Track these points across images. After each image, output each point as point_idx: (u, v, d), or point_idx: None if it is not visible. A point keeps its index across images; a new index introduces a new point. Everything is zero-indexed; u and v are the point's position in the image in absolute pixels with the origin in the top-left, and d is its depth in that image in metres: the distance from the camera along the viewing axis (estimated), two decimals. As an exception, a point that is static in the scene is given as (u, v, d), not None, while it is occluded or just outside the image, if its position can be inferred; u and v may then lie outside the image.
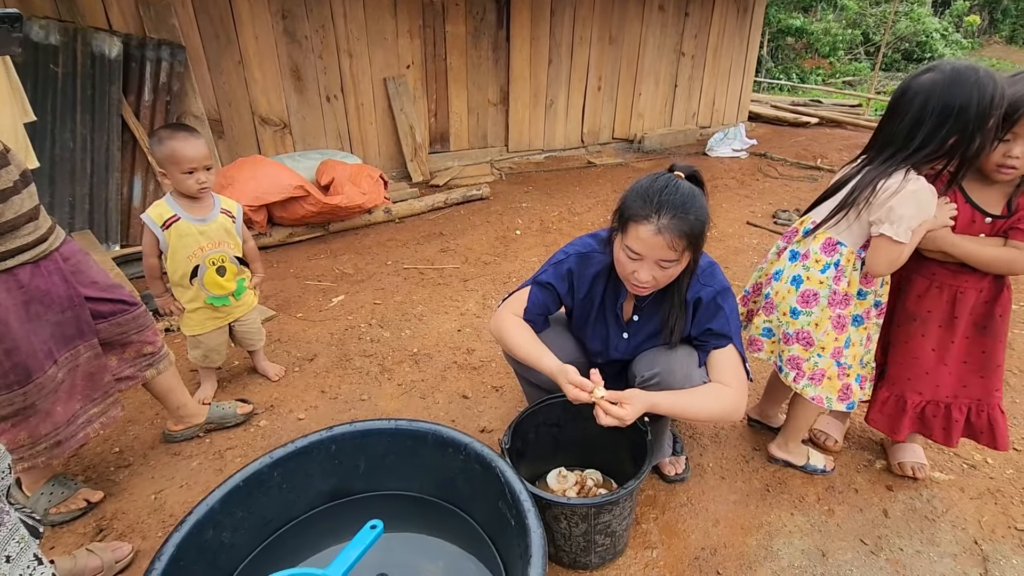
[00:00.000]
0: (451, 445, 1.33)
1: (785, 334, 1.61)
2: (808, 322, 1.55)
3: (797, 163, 5.66)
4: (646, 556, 1.51)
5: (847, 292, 1.51)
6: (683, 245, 1.25)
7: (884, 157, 1.40)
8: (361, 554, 1.15)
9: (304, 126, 4.41)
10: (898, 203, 1.33)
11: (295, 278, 3.18)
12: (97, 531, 1.58)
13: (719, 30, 6.50)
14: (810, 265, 1.53)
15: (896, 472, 1.77)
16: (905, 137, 1.35)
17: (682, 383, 1.42)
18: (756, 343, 1.72)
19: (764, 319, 1.68)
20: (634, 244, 1.28)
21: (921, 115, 1.31)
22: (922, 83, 1.32)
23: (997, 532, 1.59)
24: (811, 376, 1.59)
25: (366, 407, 2.11)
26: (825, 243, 1.51)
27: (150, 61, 3.31)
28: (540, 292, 1.53)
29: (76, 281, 1.47)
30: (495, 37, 5.06)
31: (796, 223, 1.64)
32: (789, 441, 1.79)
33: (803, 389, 1.60)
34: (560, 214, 4.27)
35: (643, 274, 1.30)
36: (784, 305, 1.59)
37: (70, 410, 1.49)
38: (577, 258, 1.52)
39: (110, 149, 3.20)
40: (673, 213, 1.23)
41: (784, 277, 1.59)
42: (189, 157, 1.75)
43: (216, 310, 2.01)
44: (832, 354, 1.56)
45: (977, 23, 15.27)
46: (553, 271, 1.53)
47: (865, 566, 1.48)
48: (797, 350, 1.59)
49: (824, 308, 1.53)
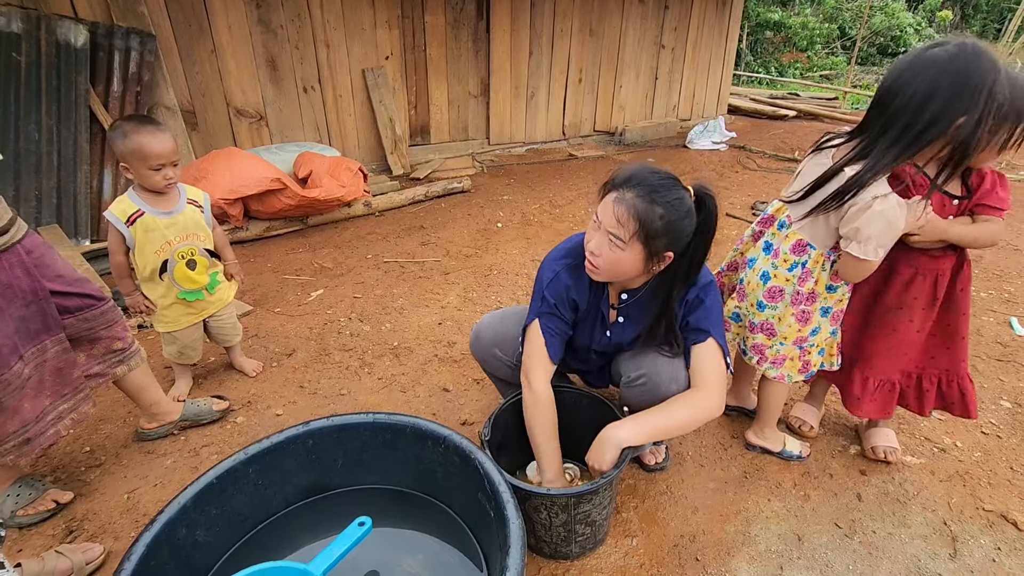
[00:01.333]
0: (430, 438, 1.33)
1: (751, 323, 1.66)
2: (772, 315, 1.60)
3: (775, 155, 5.72)
4: (626, 544, 1.52)
5: (813, 290, 1.53)
6: (633, 228, 1.20)
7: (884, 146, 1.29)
8: (347, 550, 1.14)
9: (281, 118, 4.33)
10: (864, 223, 1.31)
11: (273, 272, 3.13)
12: (67, 533, 1.54)
13: (699, 23, 6.53)
14: (778, 264, 1.55)
15: (869, 456, 1.81)
16: (909, 118, 1.25)
17: (668, 382, 1.42)
18: (724, 324, 1.70)
19: (735, 304, 1.71)
20: (599, 209, 1.28)
21: (929, 91, 1.21)
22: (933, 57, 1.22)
23: (965, 513, 1.63)
24: (773, 361, 1.65)
25: (346, 402, 2.09)
26: (795, 244, 1.52)
27: (119, 50, 3.21)
28: (551, 322, 1.44)
29: (40, 275, 1.42)
30: (475, 28, 5.02)
31: (772, 209, 1.62)
32: (764, 427, 1.81)
33: (766, 371, 1.67)
34: (541, 207, 4.26)
35: (594, 242, 1.29)
36: (752, 296, 1.63)
37: (39, 407, 1.44)
38: (568, 271, 1.44)
39: (78, 141, 3.11)
40: (638, 192, 1.21)
41: (756, 268, 1.62)
42: (157, 153, 1.70)
43: (190, 305, 1.97)
44: (794, 342, 1.61)
45: (949, 18, 15.57)
46: (552, 298, 1.43)
47: (839, 549, 1.51)
48: (761, 339, 1.65)
49: (788, 305, 1.56)
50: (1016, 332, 2.60)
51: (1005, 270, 3.25)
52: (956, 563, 1.48)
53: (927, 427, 1.96)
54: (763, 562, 1.47)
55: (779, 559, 1.48)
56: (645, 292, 1.44)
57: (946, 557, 1.49)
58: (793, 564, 1.47)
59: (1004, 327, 2.64)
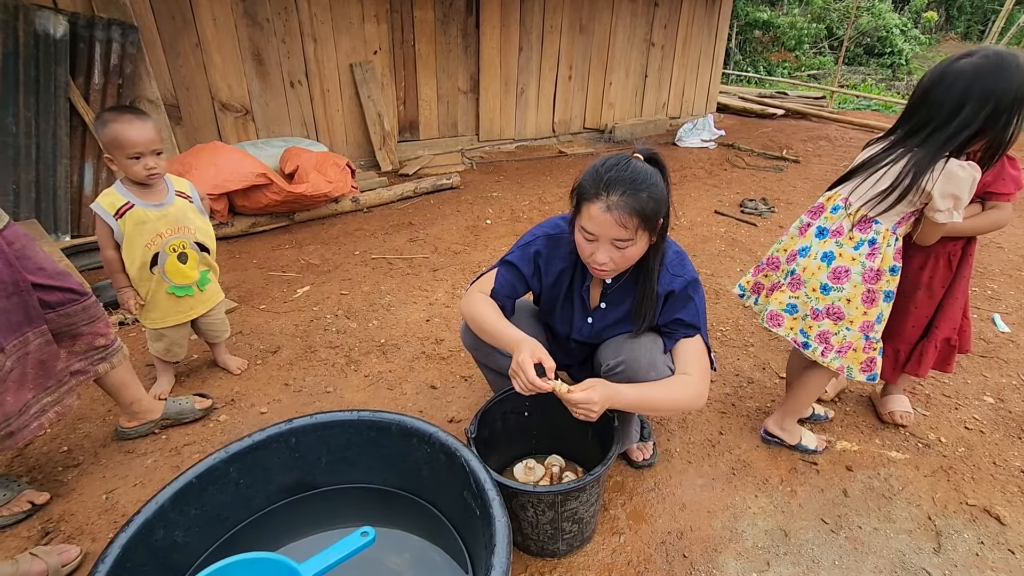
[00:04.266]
0: (415, 435, 1.31)
1: (814, 310, 1.61)
2: (839, 297, 1.57)
3: (764, 153, 5.75)
4: (614, 542, 1.51)
5: (879, 268, 1.54)
6: (636, 224, 1.23)
7: (921, 138, 1.42)
8: (344, 558, 1.11)
9: (267, 112, 4.27)
10: (959, 189, 1.39)
11: (258, 269, 3.09)
12: (43, 534, 1.50)
13: (688, 21, 6.54)
14: (843, 242, 1.55)
15: (885, 420, 1.95)
16: (944, 120, 1.38)
17: (647, 371, 1.42)
18: (777, 319, 1.69)
19: (789, 295, 1.66)
20: (587, 224, 1.27)
21: (963, 99, 1.34)
22: (962, 68, 1.35)
23: (949, 508, 1.64)
24: (838, 349, 1.61)
25: (332, 399, 2.06)
26: (860, 220, 1.54)
27: (99, 42, 3.14)
28: (507, 272, 1.51)
29: (21, 266, 1.39)
30: (464, 23, 4.99)
31: (822, 199, 1.65)
32: (786, 419, 1.82)
33: (830, 362, 1.62)
34: (531, 203, 4.25)
35: (600, 255, 1.29)
36: (814, 281, 1.59)
37: (21, 400, 1.41)
38: (545, 240, 1.50)
39: (57, 134, 3.04)
40: (623, 190, 1.22)
41: (812, 254, 1.60)
42: (133, 141, 1.66)
43: (179, 301, 1.93)
44: (860, 327, 1.59)
45: (934, 19, 15.75)
46: (520, 253, 1.51)
47: (826, 544, 1.52)
48: (827, 325, 1.60)
49: (857, 284, 1.55)
50: (999, 329, 2.63)
51: (988, 267, 3.29)
52: (940, 557, 1.49)
53: (912, 424, 1.97)
54: (750, 558, 1.47)
55: (766, 555, 1.48)
56: (627, 276, 1.45)
57: (930, 551, 1.50)
58: (780, 559, 1.47)
59: (987, 324, 2.67)
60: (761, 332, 2.54)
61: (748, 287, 1.83)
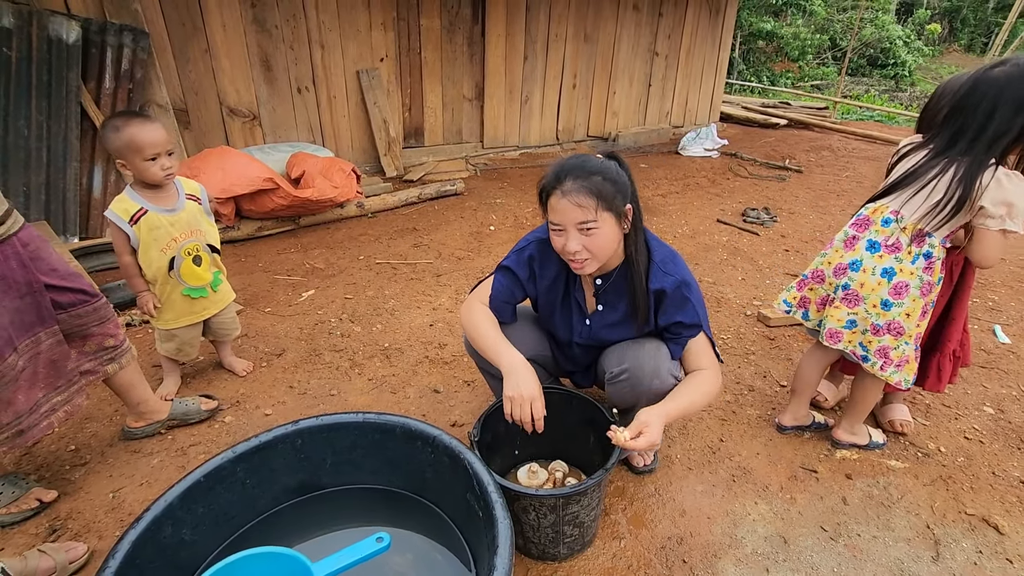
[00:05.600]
0: (419, 438, 1.33)
1: (874, 325, 1.61)
2: (899, 313, 1.58)
3: (766, 163, 5.78)
4: (614, 546, 1.52)
5: (932, 281, 1.56)
6: (594, 204, 1.28)
7: (963, 147, 1.44)
8: (357, 561, 1.12)
9: (274, 118, 4.32)
10: (1012, 196, 1.39)
11: (264, 272, 3.11)
12: (50, 531, 1.52)
13: (692, 31, 6.59)
14: (902, 257, 1.56)
15: (886, 429, 1.97)
16: (978, 128, 1.41)
17: (651, 377, 1.45)
18: (837, 335, 1.69)
19: (848, 311, 1.65)
20: (552, 216, 1.34)
21: (994, 107, 1.38)
22: (995, 77, 1.39)
23: (948, 517, 1.65)
24: (897, 363, 1.63)
25: (335, 402, 2.08)
26: (916, 234, 1.54)
27: (111, 47, 3.19)
28: (504, 278, 1.55)
29: (35, 268, 1.42)
30: (470, 32, 5.04)
31: (867, 212, 1.65)
32: (854, 424, 1.87)
33: (889, 376, 1.63)
34: (534, 210, 4.27)
35: (571, 243, 1.33)
36: (874, 297, 1.59)
37: (32, 398, 1.44)
38: (538, 244, 1.53)
39: (68, 137, 3.08)
40: (575, 175, 1.30)
41: (867, 268, 1.60)
42: (150, 142, 1.70)
43: (193, 303, 1.96)
44: (914, 340, 1.62)
45: (938, 31, 15.83)
46: (515, 257, 1.55)
47: (824, 551, 1.53)
48: (887, 340, 1.61)
49: (916, 299, 1.56)
50: (1000, 340, 2.64)
51: (989, 279, 3.30)
52: (939, 566, 1.50)
53: (912, 433, 1.98)
54: (749, 564, 1.48)
55: (765, 561, 1.49)
56: (617, 274, 1.49)
57: (929, 560, 1.51)
58: (779, 566, 1.48)
59: (988, 335, 2.69)
60: (762, 341, 2.56)
61: (795, 302, 1.83)
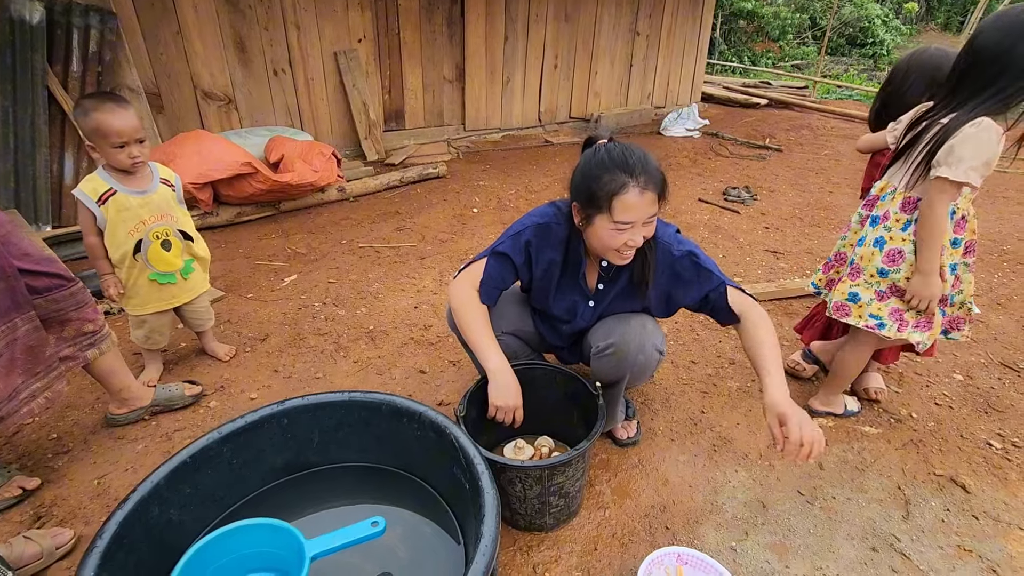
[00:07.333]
0: (405, 414, 1.34)
1: (878, 292, 1.64)
2: (899, 278, 1.59)
3: (747, 142, 5.82)
4: (599, 516, 1.56)
5: None
6: (657, 196, 1.31)
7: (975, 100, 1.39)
8: (349, 543, 1.14)
9: (251, 101, 4.23)
10: (958, 143, 1.36)
11: (245, 258, 3.08)
12: (35, 519, 1.51)
13: (673, 10, 6.56)
14: (891, 225, 1.58)
15: (862, 396, 2.03)
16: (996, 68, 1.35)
17: (636, 352, 1.47)
18: (843, 308, 1.72)
19: (850, 284, 1.69)
20: (625, 215, 1.28)
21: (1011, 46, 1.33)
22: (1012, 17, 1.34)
23: (918, 478, 1.72)
24: (915, 324, 1.63)
25: (321, 385, 2.08)
26: (904, 202, 1.56)
27: (77, 28, 3.09)
28: (498, 263, 1.51)
29: (7, 252, 1.39)
30: (449, 11, 4.96)
31: (875, 191, 1.68)
32: (831, 394, 1.92)
33: (908, 335, 1.63)
34: (517, 192, 4.27)
35: (637, 238, 1.33)
36: (871, 267, 1.63)
37: (11, 385, 1.42)
38: (535, 229, 1.50)
39: (36, 123, 2.99)
40: (644, 167, 1.29)
41: (867, 242, 1.64)
42: (118, 129, 1.65)
43: (161, 289, 1.93)
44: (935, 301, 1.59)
45: (915, 10, 15.94)
46: (511, 242, 1.51)
47: (801, 514, 1.58)
48: (894, 303, 1.63)
49: (913, 263, 1.56)
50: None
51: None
52: (908, 524, 1.56)
53: (885, 400, 2.05)
54: (729, 528, 1.53)
55: (744, 525, 1.55)
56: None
57: (899, 519, 1.58)
58: (757, 529, 1.53)
59: (959, 306, 2.76)
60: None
61: (822, 284, 1.89)
